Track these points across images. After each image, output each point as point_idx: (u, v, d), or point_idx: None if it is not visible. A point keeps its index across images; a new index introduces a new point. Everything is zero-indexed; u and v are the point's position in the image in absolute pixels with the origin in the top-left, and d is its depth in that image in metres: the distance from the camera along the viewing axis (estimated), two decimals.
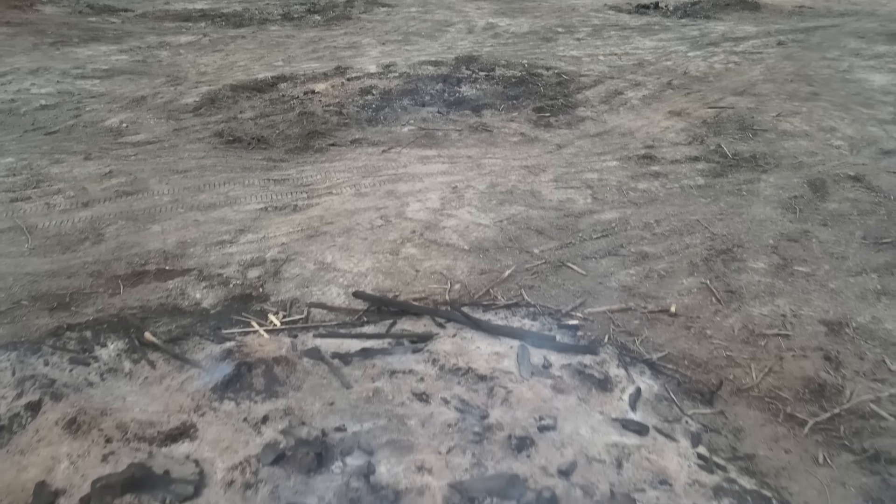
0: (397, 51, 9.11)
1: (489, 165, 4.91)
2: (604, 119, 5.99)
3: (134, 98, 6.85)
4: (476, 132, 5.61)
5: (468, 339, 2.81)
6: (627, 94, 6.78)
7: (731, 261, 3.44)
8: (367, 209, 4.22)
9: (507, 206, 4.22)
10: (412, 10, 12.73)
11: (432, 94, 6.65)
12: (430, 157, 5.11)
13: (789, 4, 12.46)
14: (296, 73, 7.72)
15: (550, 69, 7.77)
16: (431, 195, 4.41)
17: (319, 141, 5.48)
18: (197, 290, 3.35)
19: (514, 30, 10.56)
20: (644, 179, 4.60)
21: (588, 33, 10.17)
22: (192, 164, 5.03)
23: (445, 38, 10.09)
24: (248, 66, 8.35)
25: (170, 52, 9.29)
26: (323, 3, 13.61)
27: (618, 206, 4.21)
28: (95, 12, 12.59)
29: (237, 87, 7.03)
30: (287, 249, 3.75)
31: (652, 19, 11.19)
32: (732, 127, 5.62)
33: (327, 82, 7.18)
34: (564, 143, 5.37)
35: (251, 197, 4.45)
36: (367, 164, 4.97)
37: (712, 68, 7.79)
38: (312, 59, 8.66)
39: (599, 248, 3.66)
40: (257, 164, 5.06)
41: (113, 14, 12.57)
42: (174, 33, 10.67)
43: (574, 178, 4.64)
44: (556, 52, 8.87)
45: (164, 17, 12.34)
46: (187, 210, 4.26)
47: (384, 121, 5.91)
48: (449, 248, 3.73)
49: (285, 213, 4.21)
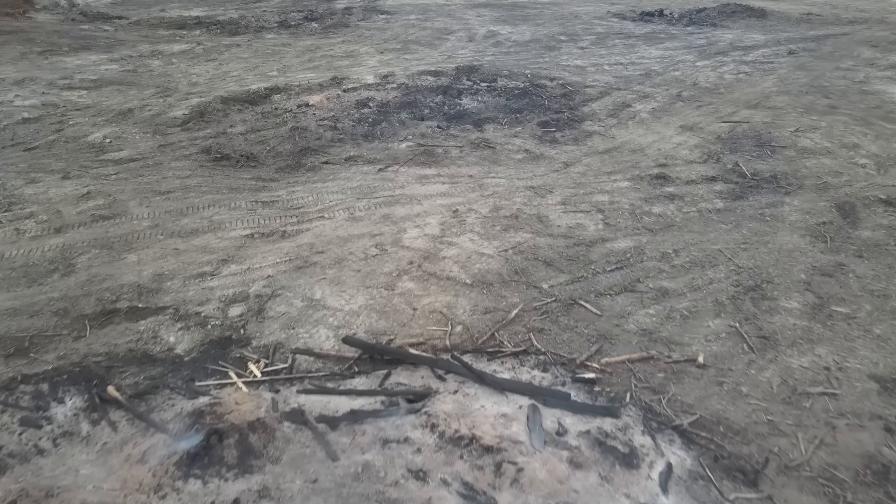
0: (396, 60, 8.79)
1: (492, 186, 4.58)
2: (612, 134, 5.66)
3: (120, 111, 6.53)
4: (478, 149, 5.28)
5: (472, 397, 2.47)
6: (636, 106, 6.45)
7: (761, 299, 3.10)
8: (361, 236, 3.89)
9: (512, 233, 3.88)
10: (411, 17, 12.42)
11: (432, 106, 6.32)
12: (429, 176, 4.78)
13: (796, 12, 12.15)
14: (290, 83, 7.40)
15: (555, 80, 7.45)
16: (430, 220, 4.08)
17: (312, 158, 5.15)
18: (171, 332, 3.01)
19: (515, 38, 10.24)
20: (658, 202, 4.27)
21: (592, 42, 9.86)
22: (176, 184, 4.70)
23: (445, 46, 9.78)
24: (241, 76, 8.03)
25: (161, 62, 8.98)
26: (321, 11, 13.31)
27: (631, 232, 3.87)
28: (88, 20, 12.29)
29: (228, 100, 6.70)
30: (273, 283, 3.41)
31: (657, 27, 10.87)
32: (749, 143, 5.29)
33: (322, 94, 6.86)
34: (572, 161, 5.04)
35: (237, 221, 4.12)
36: (361, 185, 4.64)
37: (722, 79, 7.46)
38: (308, 69, 8.34)
39: (614, 283, 3.32)
40: (245, 184, 4.72)
41: (106, 21, 12.27)
42: (167, 41, 10.37)
43: (583, 201, 4.30)
44: (559, 62, 8.55)
45: (158, 24, 12.04)
46: (167, 237, 3.93)
47: (381, 136, 5.58)
48: (449, 282, 3.39)
49: (273, 241, 3.88)
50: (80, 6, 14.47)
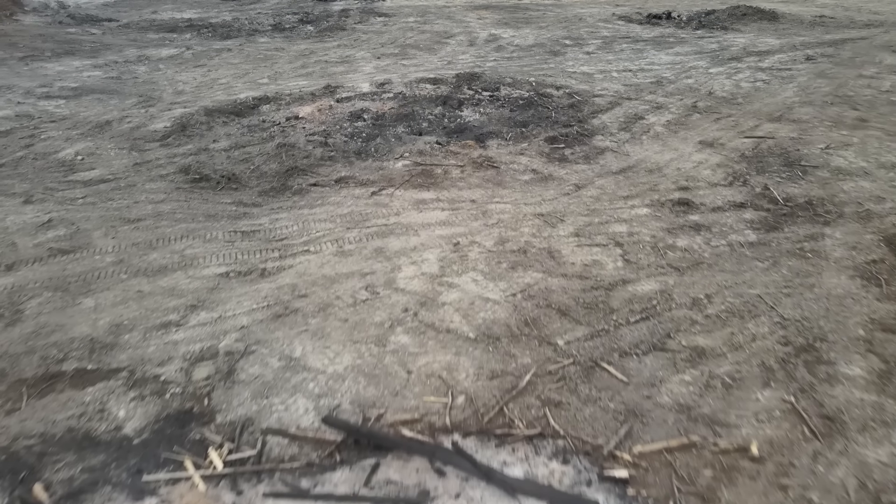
0: (393, 66, 8.30)
1: (497, 213, 4.10)
2: (626, 151, 5.17)
3: (98, 123, 6.05)
4: (481, 168, 4.80)
5: (477, 503, 1.99)
6: (649, 118, 5.97)
7: (816, 363, 2.62)
8: (350, 275, 3.41)
9: (520, 273, 3.40)
10: (410, 20, 11.92)
11: (430, 119, 5.84)
12: (427, 201, 4.30)
13: (808, 14, 11.64)
14: (281, 92, 6.92)
15: (561, 88, 6.96)
16: (428, 255, 3.60)
17: (299, 179, 4.67)
18: (122, 403, 2.53)
19: (518, 42, 9.75)
20: (683, 234, 3.79)
21: (598, 46, 9.36)
22: (148, 210, 4.22)
23: (445, 51, 9.29)
24: (230, 83, 7.54)
25: (148, 68, 8.49)
26: (317, 13, 12.81)
27: (656, 272, 3.39)
28: (76, 22, 11.80)
29: (214, 111, 6.22)
30: (247, 336, 2.93)
31: (665, 30, 10.37)
32: (776, 162, 4.81)
33: (314, 104, 6.37)
34: (583, 183, 4.55)
35: (212, 257, 3.63)
36: (352, 211, 4.16)
37: (739, 87, 6.97)
38: (301, 76, 7.86)
39: (640, 339, 2.84)
40: (224, 210, 4.24)
41: (95, 24, 11.78)
42: (156, 46, 9.88)
43: (599, 232, 3.82)
44: (565, 68, 8.06)
45: (148, 27, 11.55)
46: (132, 275, 3.45)
47: (375, 153, 5.09)
48: (450, 335, 2.91)
49: (250, 281, 3.40)
50: (69, 8, 13.99)
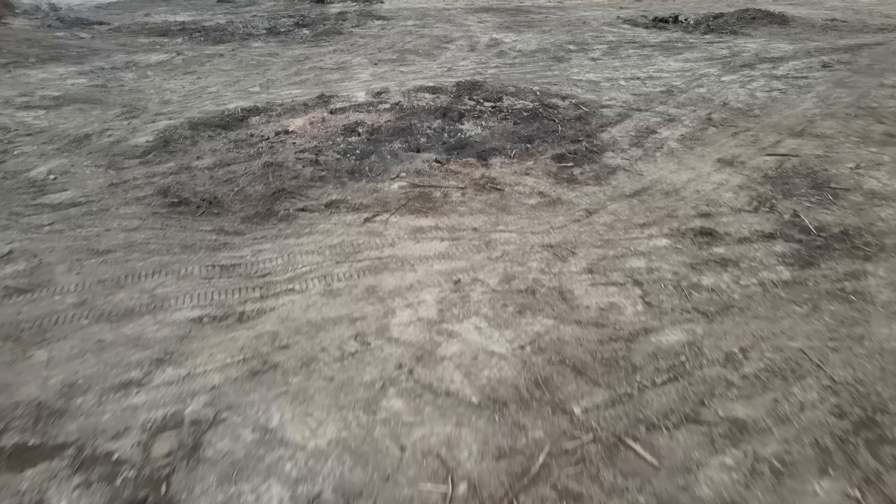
0: (391, 73, 7.90)
1: (501, 243, 3.70)
2: (639, 169, 4.77)
3: (76, 137, 5.65)
4: (483, 191, 4.40)
5: None
6: (661, 132, 5.57)
7: (880, 443, 2.22)
8: (338, 320, 3.01)
9: (528, 319, 3.00)
10: (409, 23, 11.51)
11: (429, 134, 5.44)
12: (425, 229, 3.90)
13: (819, 18, 11.23)
14: (272, 102, 6.52)
15: (566, 98, 6.56)
16: (426, 295, 3.20)
17: (287, 203, 4.27)
18: (64, 493, 2.13)
19: (521, 47, 9.34)
20: (708, 270, 3.39)
21: (604, 52, 8.95)
22: (120, 239, 3.82)
23: (445, 56, 8.88)
24: (219, 92, 7.14)
25: (135, 75, 8.08)
26: (313, 16, 12.41)
27: (681, 317, 3.00)
28: (66, 26, 11.39)
29: (199, 124, 5.82)
30: (218, 399, 2.54)
31: (672, 35, 9.96)
32: (803, 184, 4.41)
33: (306, 116, 5.97)
34: (595, 208, 4.16)
35: (185, 297, 3.24)
36: (343, 241, 3.76)
37: (755, 98, 6.56)
38: (294, 84, 7.45)
39: (669, 406, 2.45)
40: (203, 239, 3.84)
41: (85, 28, 11.37)
42: (146, 51, 9.47)
43: (615, 268, 3.42)
44: (570, 76, 7.66)
45: (139, 31, 11.14)
46: (93, 321, 3.05)
47: (369, 173, 4.69)
48: (450, 399, 2.52)
49: (226, 328, 3.00)
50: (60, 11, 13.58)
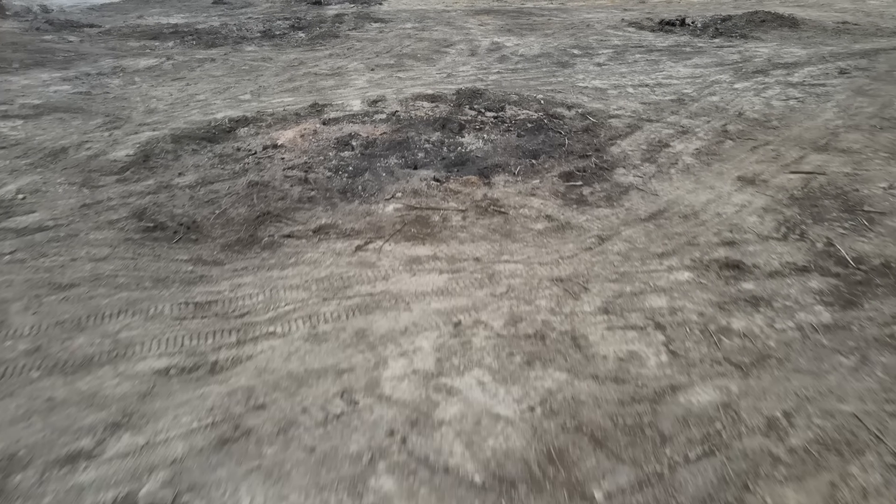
0: (388, 79, 7.51)
1: (506, 277, 3.32)
2: (653, 188, 4.39)
3: (52, 150, 5.27)
4: (485, 214, 4.02)
5: None
6: (675, 146, 5.18)
7: None
8: (322, 373, 2.64)
9: (538, 371, 2.63)
10: (407, 26, 11.11)
11: (427, 148, 5.06)
12: (422, 259, 3.52)
13: (829, 20, 10.84)
14: (262, 112, 6.14)
15: (573, 107, 6.17)
16: (423, 341, 2.83)
17: (272, 228, 3.89)
18: None
19: (523, 52, 8.95)
20: (738, 311, 3.01)
21: (609, 56, 8.56)
22: (86, 271, 3.44)
23: (445, 62, 8.49)
24: (208, 100, 6.76)
25: (122, 81, 7.70)
26: (309, 19, 12.02)
27: (711, 370, 2.62)
28: (55, 29, 10.99)
29: (184, 136, 5.44)
30: (180, 476, 2.17)
31: (680, 38, 9.56)
32: (834, 206, 4.03)
33: (297, 128, 5.59)
34: (608, 234, 3.78)
35: (152, 342, 2.86)
36: (332, 274, 3.38)
37: (771, 107, 6.18)
38: (287, 91, 7.07)
39: (707, 490, 2.07)
40: (178, 270, 3.47)
41: (75, 31, 10.98)
42: (135, 55, 9.08)
43: (633, 307, 3.05)
44: (575, 82, 7.27)
45: (131, 34, 10.75)
46: (46, 373, 2.68)
47: (363, 193, 4.31)
48: (449, 477, 2.14)
49: (196, 380, 2.63)
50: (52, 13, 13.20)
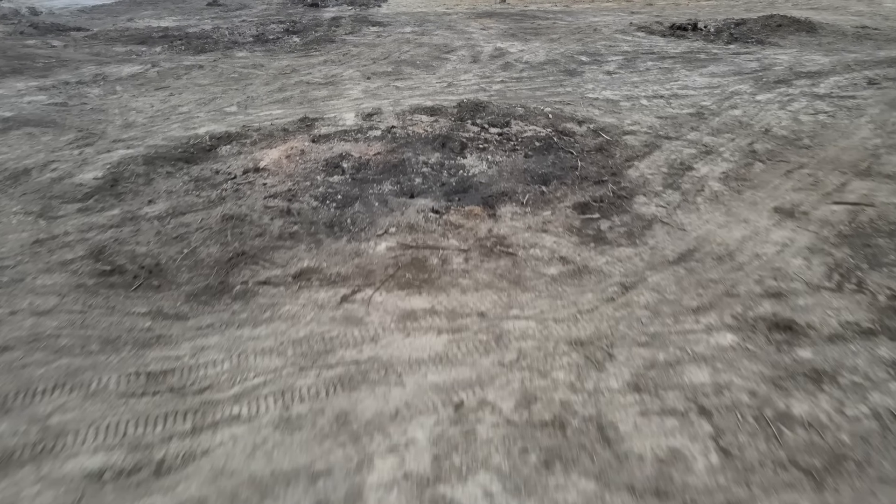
0: (385, 89, 6.97)
1: (516, 338, 2.79)
2: (679, 222, 3.85)
3: (14, 172, 4.74)
4: (491, 255, 3.48)
5: None
6: (699, 168, 4.64)
7: None
8: (291, 477, 2.11)
9: (559, 478, 2.09)
10: (406, 30, 10.56)
11: (426, 172, 4.52)
12: (417, 314, 2.99)
13: (847, 25, 10.27)
14: (248, 126, 5.60)
15: (583, 122, 5.63)
16: (417, 430, 2.30)
17: (246, 272, 3.36)
18: None
19: (528, 58, 8.40)
20: (798, 389, 2.48)
21: (620, 64, 8.01)
22: (25, 329, 2.92)
23: (445, 69, 7.94)
24: (191, 113, 6.22)
25: (102, 90, 7.16)
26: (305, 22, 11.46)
27: (776, 480, 2.08)
28: (39, 33, 10.45)
29: (158, 157, 4.91)
30: None
31: (693, 44, 9.00)
32: (890, 247, 3.49)
33: (284, 146, 5.05)
34: (632, 281, 3.24)
35: (89, 431, 2.33)
36: (312, 334, 2.85)
37: (800, 122, 5.63)
38: (276, 103, 6.53)
39: None
40: (133, 328, 2.93)
41: (60, 35, 10.43)
42: (119, 62, 8.54)
43: (669, 383, 2.51)
44: (584, 93, 6.72)
45: (118, 38, 10.21)
46: None
47: (352, 227, 3.78)
48: None
49: (135, 488, 2.10)
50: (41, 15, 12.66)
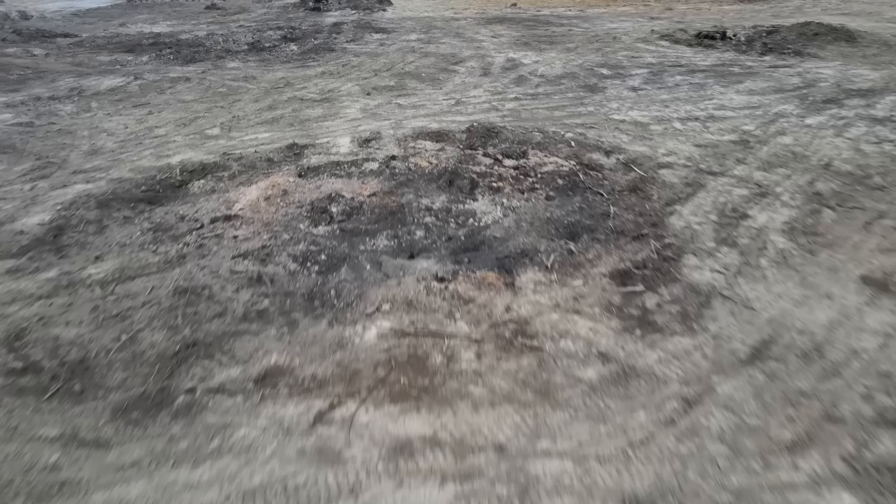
0: (386, 107, 6.17)
1: (549, 490, 1.99)
2: (745, 296, 3.03)
3: None
4: (510, 349, 2.68)
5: None
6: (756, 216, 3.82)
7: None
8: None
9: None
10: (412, 37, 9.74)
11: (429, 222, 3.72)
12: (414, 447, 2.19)
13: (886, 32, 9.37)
14: (229, 154, 4.82)
15: (612, 153, 4.82)
16: None
17: (196, 370, 2.57)
18: None
19: (543, 71, 7.57)
20: None
21: (645, 78, 7.17)
22: None
23: (453, 83, 7.13)
24: (167, 136, 5.45)
25: (75, 107, 6.41)
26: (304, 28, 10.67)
27: None
28: (23, 39, 9.71)
29: (118, 197, 4.14)
30: None
31: (724, 55, 8.14)
32: None
33: (264, 185, 4.27)
34: (696, 392, 2.43)
35: None
36: (270, 481, 2.06)
37: (863, 154, 4.79)
38: (264, 124, 5.75)
39: None
40: (32, 466, 2.16)
41: (45, 41, 9.69)
42: (101, 72, 7.78)
43: None
44: (608, 113, 5.90)
45: (105, 45, 9.45)
46: None
47: (336, 301, 2.99)
48: None
49: None
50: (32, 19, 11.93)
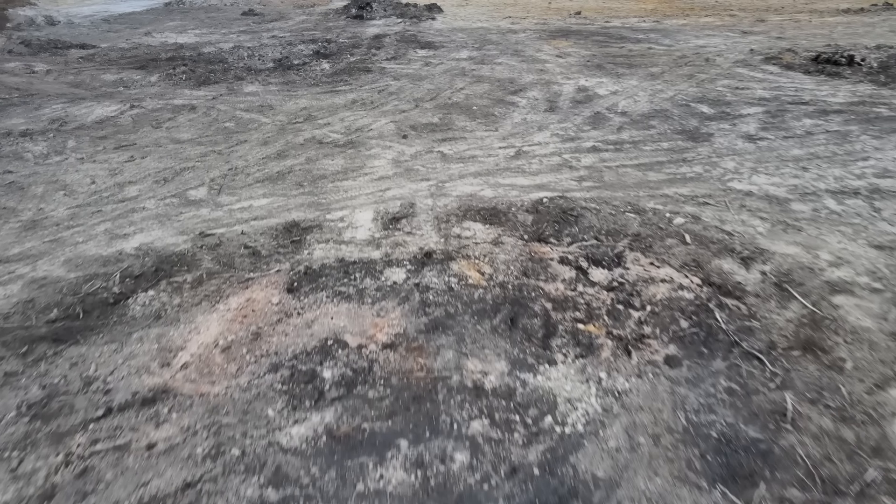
0: (424, 157, 4.59)
1: None
2: None
3: None
4: None
5: None
6: None
7: None
8: None
9: None
10: (462, 55, 8.10)
11: (477, 430, 2.11)
12: None
13: None
14: (205, 237, 3.35)
15: (750, 260, 3.11)
16: None
17: None
18: None
19: (625, 106, 5.83)
20: None
21: (762, 121, 5.35)
22: None
23: (512, 121, 5.48)
24: (137, 200, 4.02)
25: (46, 147, 5.07)
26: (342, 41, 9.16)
27: None
28: (30, 52, 8.50)
29: (16, 324, 2.70)
30: None
31: (857, 88, 6.20)
32: None
33: (234, 310, 2.76)
34: None
35: None
36: None
37: None
38: (265, 182, 4.26)
39: None
40: None
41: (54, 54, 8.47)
42: (97, 97, 6.44)
43: None
44: (724, 177, 4.17)
45: (118, 59, 8.16)
46: None
47: None
48: None
49: None
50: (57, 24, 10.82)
